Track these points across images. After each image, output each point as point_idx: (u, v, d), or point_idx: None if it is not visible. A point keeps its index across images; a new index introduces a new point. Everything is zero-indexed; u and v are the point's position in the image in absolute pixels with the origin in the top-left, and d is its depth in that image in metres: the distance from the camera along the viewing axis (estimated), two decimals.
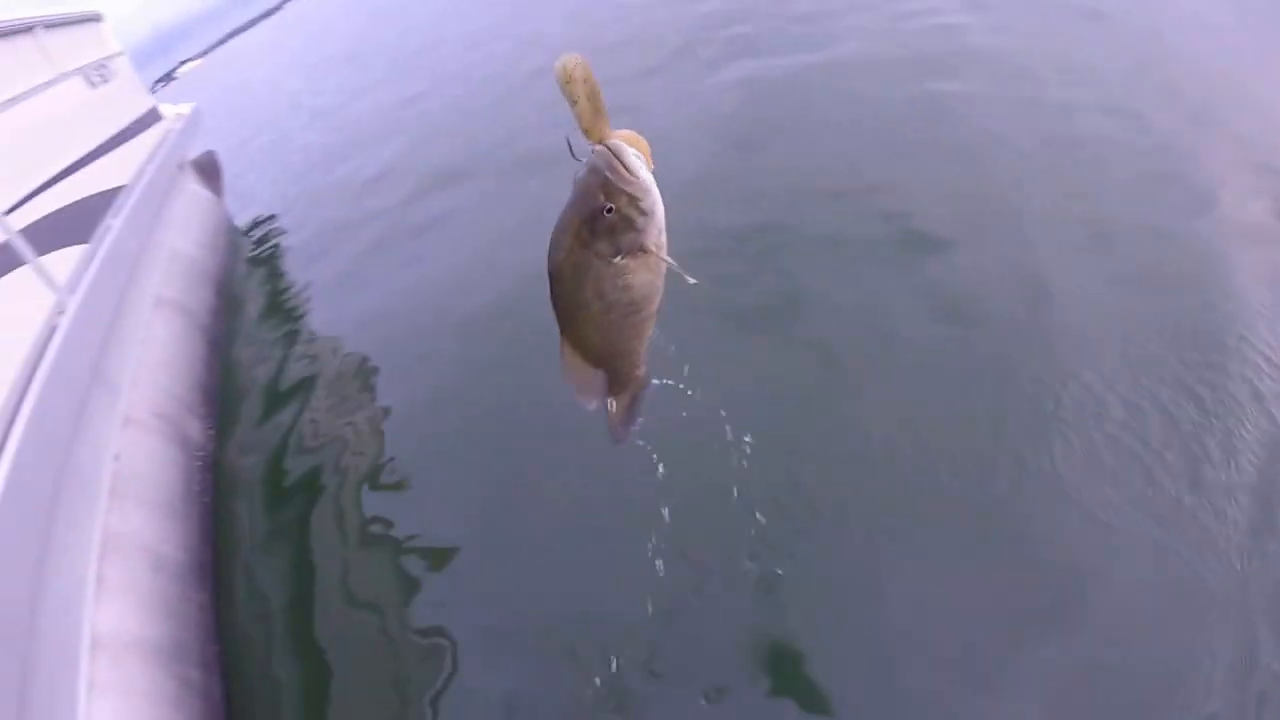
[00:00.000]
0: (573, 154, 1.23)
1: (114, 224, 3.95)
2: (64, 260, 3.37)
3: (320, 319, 5.00)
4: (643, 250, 1.30)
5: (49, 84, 4.37)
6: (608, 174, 1.20)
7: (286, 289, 5.61)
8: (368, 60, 14.14)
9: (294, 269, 5.93)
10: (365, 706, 2.50)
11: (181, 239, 5.10)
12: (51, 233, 3.41)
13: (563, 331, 1.44)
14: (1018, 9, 6.04)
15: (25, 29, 4.35)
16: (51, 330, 2.90)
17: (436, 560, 2.87)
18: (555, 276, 1.34)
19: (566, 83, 1.15)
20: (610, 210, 1.23)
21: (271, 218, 7.30)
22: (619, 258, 1.29)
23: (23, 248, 3.08)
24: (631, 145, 1.24)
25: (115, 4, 5.96)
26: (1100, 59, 5.02)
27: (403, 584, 2.81)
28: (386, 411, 3.76)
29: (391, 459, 3.41)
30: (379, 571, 2.91)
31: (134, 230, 4.20)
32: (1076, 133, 4.24)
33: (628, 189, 1.21)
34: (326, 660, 2.62)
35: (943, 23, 5.89)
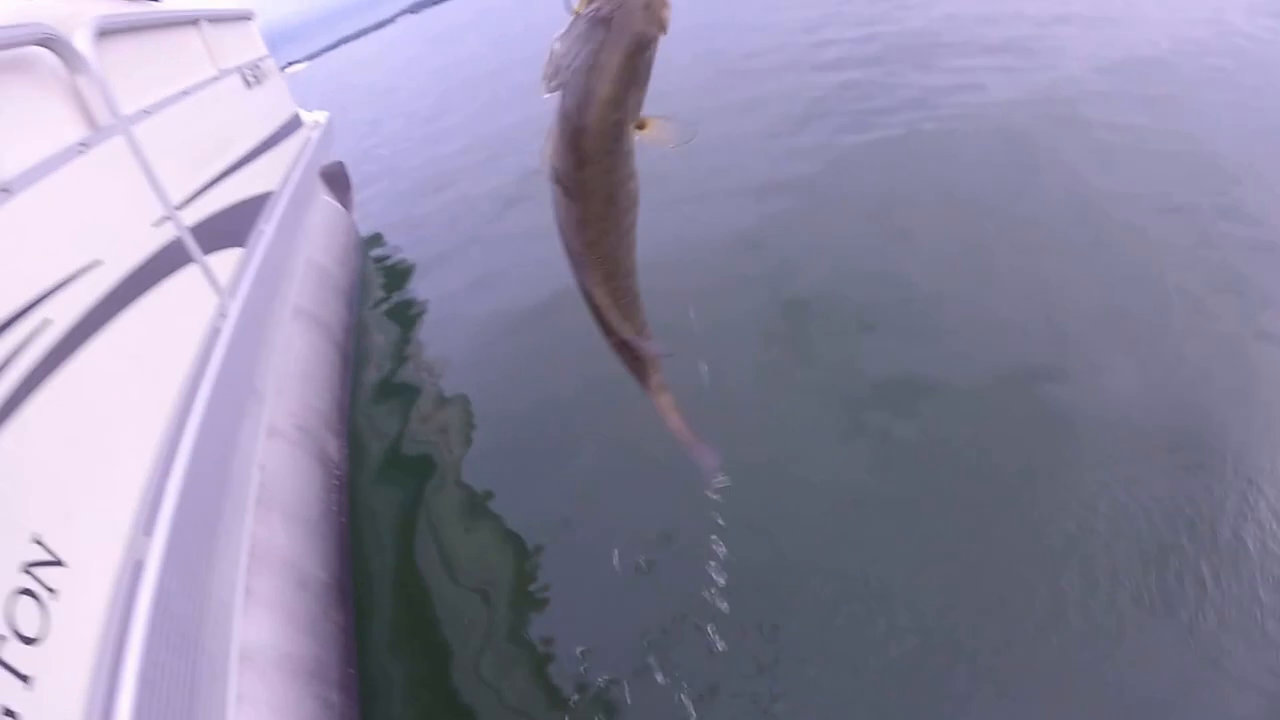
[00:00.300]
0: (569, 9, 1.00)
1: (266, 230, 4.04)
2: (225, 263, 3.44)
3: (447, 336, 5.09)
4: (638, 125, 0.98)
5: (213, 80, 4.45)
6: None
7: (413, 305, 5.73)
8: (484, 81, 14.55)
9: (421, 286, 6.05)
10: None
11: (314, 249, 5.19)
12: (215, 234, 3.48)
13: (588, 250, 1.08)
14: (1122, 101, 6.06)
15: (191, 21, 4.42)
16: (215, 332, 2.97)
17: (571, 586, 2.87)
18: (585, 151, 0.97)
19: None
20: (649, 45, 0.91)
21: (396, 232, 7.45)
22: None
23: (191, 245, 3.15)
24: None
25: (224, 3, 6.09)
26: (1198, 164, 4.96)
27: (536, 616, 2.80)
28: (513, 428, 3.82)
29: (519, 477, 3.46)
30: (507, 599, 2.90)
31: (282, 238, 4.28)
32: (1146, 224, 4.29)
33: (665, 14, 0.91)
34: (460, 695, 2.59)
35: (1046, 113, 6.01)
